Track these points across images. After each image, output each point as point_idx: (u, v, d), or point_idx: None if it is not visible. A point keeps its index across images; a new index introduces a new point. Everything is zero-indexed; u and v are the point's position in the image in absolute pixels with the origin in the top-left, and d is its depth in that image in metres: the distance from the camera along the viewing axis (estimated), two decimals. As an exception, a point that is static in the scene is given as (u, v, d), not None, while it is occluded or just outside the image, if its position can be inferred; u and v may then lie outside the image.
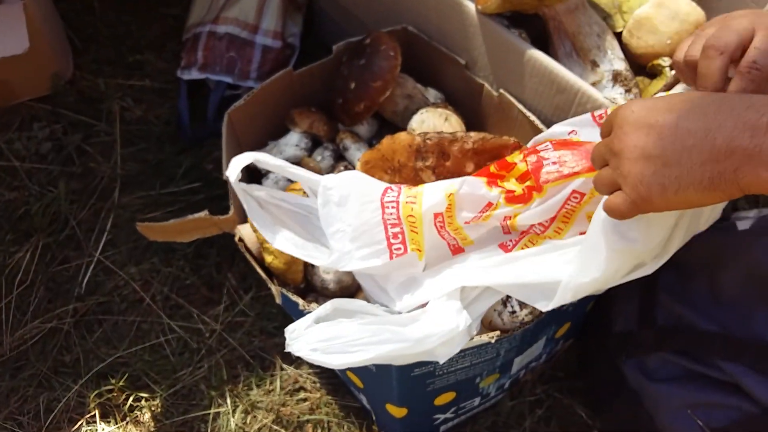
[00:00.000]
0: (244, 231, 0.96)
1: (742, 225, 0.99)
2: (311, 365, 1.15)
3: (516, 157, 0.78)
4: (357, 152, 1.10)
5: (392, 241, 0.79)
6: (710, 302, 0.90)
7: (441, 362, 0.73)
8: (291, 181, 1.07)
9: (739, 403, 0.85)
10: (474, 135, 0.85)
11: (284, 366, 1.15)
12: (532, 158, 0.75)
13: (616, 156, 0.56)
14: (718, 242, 0.95)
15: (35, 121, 1.38)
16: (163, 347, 1.17)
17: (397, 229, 0.79)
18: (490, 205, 0.77)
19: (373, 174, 0.88)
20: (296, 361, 1.15)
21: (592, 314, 1.05)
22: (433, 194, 0.78)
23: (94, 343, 1.17)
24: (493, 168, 0.80)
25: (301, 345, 0.72)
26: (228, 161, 1.01)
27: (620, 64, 1.04)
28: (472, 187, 0.77)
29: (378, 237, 0.80)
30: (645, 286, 0.97)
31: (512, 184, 0.77)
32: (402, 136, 0.86)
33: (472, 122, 1.14)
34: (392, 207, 0.80)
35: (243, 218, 0.99)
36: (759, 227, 0.88)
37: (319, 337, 0.71)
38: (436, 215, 0.78)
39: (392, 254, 0.80)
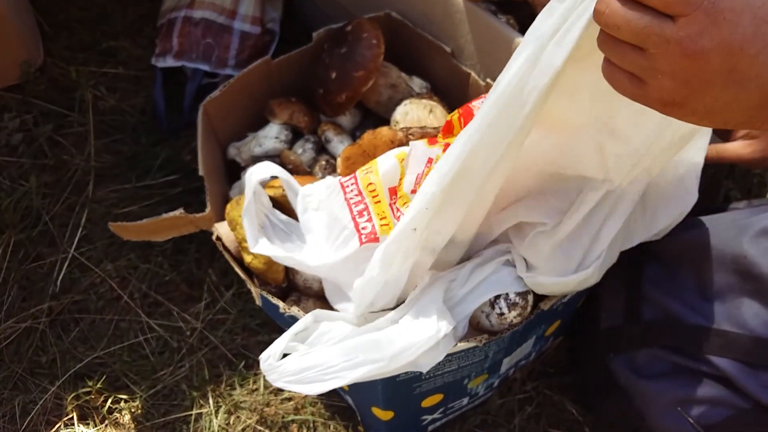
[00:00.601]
0: (221, 229, 0.93)
1: (730, 216, 0.97)
2: (295, 363, 1.12)
3: (454, 116, 0.80)
4: (339, 144, 1.07)
5: (358, 220, 0.79)
6: (697, 295, 0.89)
7: (425, 371, 0.71)
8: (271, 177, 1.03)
9: (731, 398, 0.83)
10: (459, 130, 0.82)
11: (267, 364, 1.12)
12: (463, 110, 0.78)
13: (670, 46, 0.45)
14: (705, 234, 0.93)
15: (5, 112, 1.33)
16: (143, 346, 1.14)
17: (361, 206, 0.79)
18: (430, 160, 0.76)
19: (354, 170, 0.84)
20: (280, 360, 1.12)
21: (581, 310, 1.03)
22: (386, 160, 0.79)
23: (70, 343, 1.14)
24: (439, 136, 0.81)
25: (277, 377, 0.71)
26: (204, 156, 0.98)
27: (611, 52, 1.01)
28: (417, 149, 0.77)
29: (344, 221, 0.79)
30: (630, 280, 0.95)
31: (452, 140, 0.77)
32: (383, 131, 0.83)
33: (458, 112, 1.10)
34: (351, 183, 0.81)
35: (220, 216, 0.96)
36: (746, 218, 0.86)
37: (293, 370, 0.70)
38: (390, 192, 0.79)
39: (361, 236, 0.78)
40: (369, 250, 0.75)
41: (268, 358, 0.72)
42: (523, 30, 1.06)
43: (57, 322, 1.16)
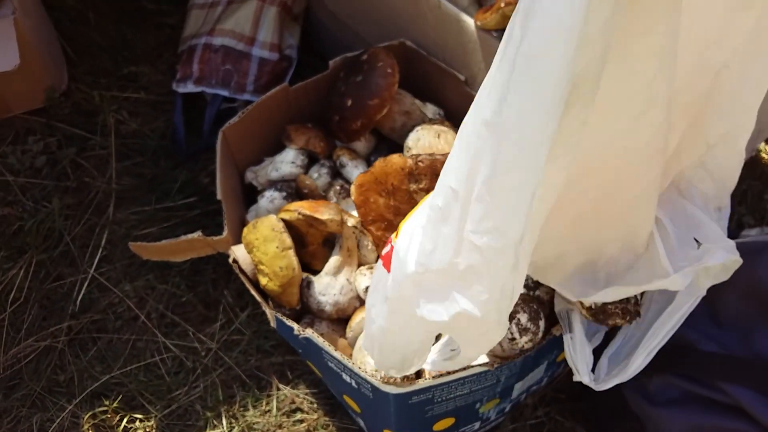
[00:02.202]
0: (238, 252, 0.94)
1: (743, 243, 0.97)
2: (308, 385, 1.13)
3: None
4: (354, 169, 1.09)
5: None
6: (710, 322, 0.89)
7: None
8: (287, 200, 1.05)
9: (744, 426, 0.83)
10: (470, 157, 0.83)
11: (281, 386, 1.13)
12: None
13: None
14: (719, 261, 0.94)
15: (29, 135, 1.37)
16: (158, 366, 1.16)
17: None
18: None
19: (368, 197, 0.86)
20: (293, 382, 1.13)
21: (593, 335, 1.03)
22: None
23: (88, 362, 1.16)
24: None
25: None
26: (222, 180, 1.00)
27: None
28: None
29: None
30: None
31: None
32: (394, 158, 0.84)
33: (471, 138, 1.12)
34: None
35: (237, 239, 0.98)
36: (760, 245, 0.87)
37: None
38: None
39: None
40: None
41: None
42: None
43: (75, 341, 1.18)
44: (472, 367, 0.79)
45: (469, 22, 1.03)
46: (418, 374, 0.83)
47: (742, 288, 0.85)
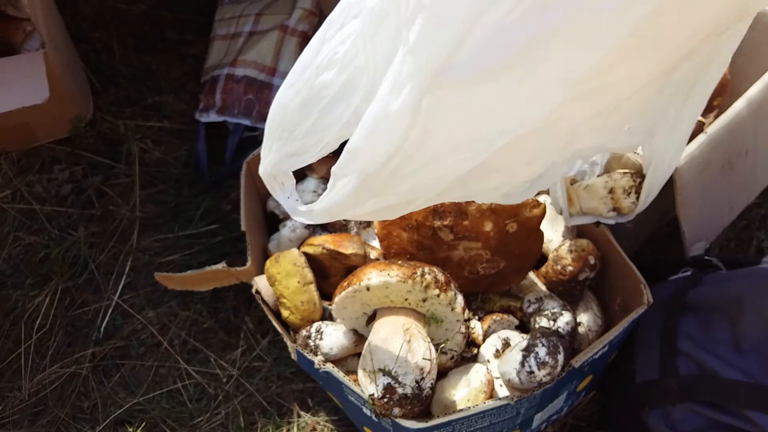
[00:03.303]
0: (260, 283, 0.96)
1: (764, 268, 0.97)
2: (328, 413, 1.14)
3: None
4: (374, 199, 1.10)
5: None
6: (733, 349, 0.88)
7: None
8: (308, 230, 1.07)
9: None
10: (492, 194, 0.84)
11: (301, 413, 1.14)
12: None
13: None
14: (739, 287, 0.94)
15: (55, 164, 1.40)
16: (181, 393, 1.17)
17: None
18: None
19: (391, 231, 0.87)
20: (313, 409, 1.14)
21: (614, 365, 1.03)
22: None
23: (112, 389, 1.17)
24: None
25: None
26: (246, 211, 1.02)
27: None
28: None
29: None
30: (665, 334, 0.95)
31: None
32: (418, 192, 0.85)
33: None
34: None
35: (260, 269, 0.99)
36: None
37: None
38: None
39: None
40: None
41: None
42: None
43: (99, 368, 1.20)
44: (491, 401, 0.80)
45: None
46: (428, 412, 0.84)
47: (764, 314, 0.85)
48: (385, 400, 0.73)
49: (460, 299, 0.81)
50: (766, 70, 1.01)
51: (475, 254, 0.89)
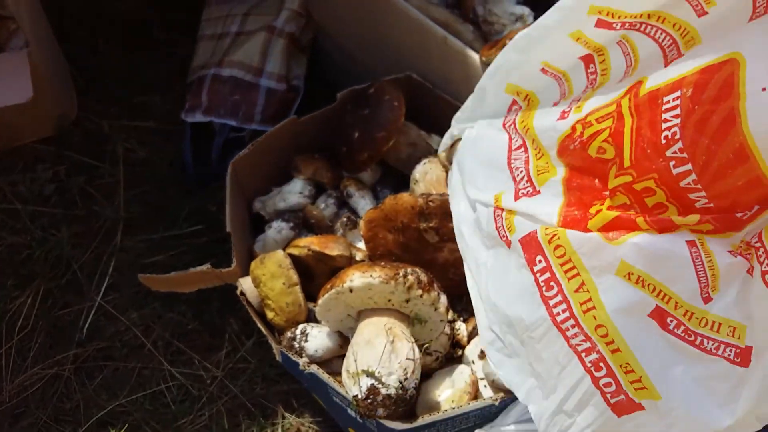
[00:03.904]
0: (245, 285, 0.96)
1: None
2: (313, 414, 1.13)
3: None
4: (360, 199, 1.10)
5: (596, 374, 0.59)
6: None
7: None
8: (294, 231, 1.07)
9: None
10: (477, 195, 0.84)
11: (286, 414, 1.13)
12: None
13: None
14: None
15: (39, 163, 1.38)
16: (164, 395, 1.16)
17: (593, 355, 0.59)
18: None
19: (376, 233, 0.87)
20: (298, 410, 1.14)
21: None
22: (610, 285, 0.58)
23: (94, 391, 1.16)
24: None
25: None
26: (231, 212, 1.01)
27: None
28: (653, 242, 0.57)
29: (575, 376, 0.60)
30: None
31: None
32: (405, 197, 0.86)
33: (476, 170, 1.13)
34: (568, 320, 0.60)
35: (245, 270, 0.99)
36: None
37: None
38: (649, 312, 0.57)
39: (606, 397, 0.59)
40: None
41: None
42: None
43: (82, 370, 1.18)
44: (475, 402, 0.80)
45: (474, 56, 1.05)
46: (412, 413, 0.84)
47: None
48: (369, 401, 0.73)
49: (443, 299, 0.81)
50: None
51: (460, 256, 0.89)
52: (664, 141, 0.56)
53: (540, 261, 0.63)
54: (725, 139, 0.53)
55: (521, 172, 0.71)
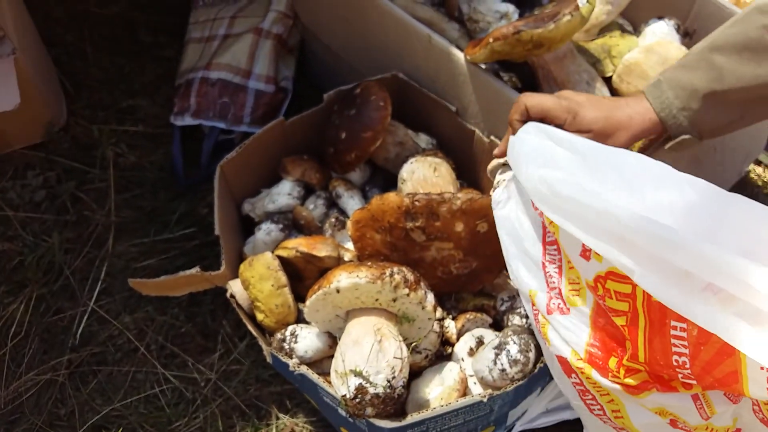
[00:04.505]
0: (235, 287, 0.96)
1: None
2: (307, 414, 1.14)
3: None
4: (349, 200, 1.11)
5: None
6: None
7: None
8: (283, 233, 1.07)
9: None
10: (462, 196, 0.85)
11: (280, 415, 1.14)
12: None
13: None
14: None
15: (29, 169, 1.38)
16: (158, 398, 1.16)
17: None
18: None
19: (364, 233, 0.88)
20: (292, 411, 1.14)
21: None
22: (636, 409, 0.69)
23: (89, 395, 1.17)
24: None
25: None
26: (220, 215, 1.02)
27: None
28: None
29: None
30: None
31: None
32: (391, 197, 0.86)
33: (463, 167, 1.14)
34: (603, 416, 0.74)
35: (234, 273, 0.99)
36: None
37: None
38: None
39: None
40: None
41: None
42: (526, 87, 1.11)
43: (76, 375, 1.19)
44: (464, 399, 0.81)
45: (459, 55, 1.06)
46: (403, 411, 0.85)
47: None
48: (357, 400, 0.74)
49: (430, 297, 0.81)
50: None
51: (448, 254, 0.90)
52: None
53: (574, 376, 0.72)
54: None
55: (554, 281, 0.72)
